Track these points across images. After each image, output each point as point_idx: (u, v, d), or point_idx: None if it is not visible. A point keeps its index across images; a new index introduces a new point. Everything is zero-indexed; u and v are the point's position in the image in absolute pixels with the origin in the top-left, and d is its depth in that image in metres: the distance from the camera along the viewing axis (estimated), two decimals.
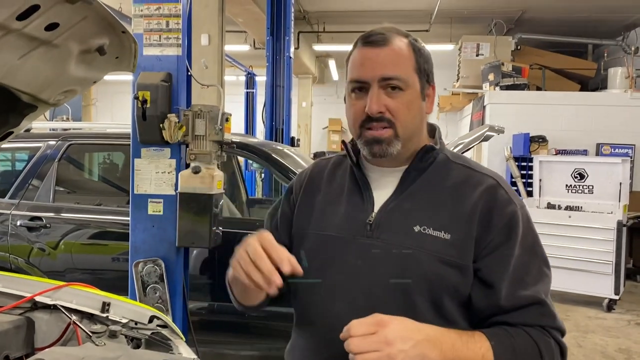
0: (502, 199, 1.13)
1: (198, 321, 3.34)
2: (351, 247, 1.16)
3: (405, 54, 1.14)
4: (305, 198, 1.28)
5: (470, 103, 9.41)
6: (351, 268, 1.14)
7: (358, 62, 1.14)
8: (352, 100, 1.16)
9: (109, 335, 1.32)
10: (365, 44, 1.14)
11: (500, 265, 1.08)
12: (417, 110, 1.16)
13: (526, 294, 1.07)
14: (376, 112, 1.10)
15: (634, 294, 6.44)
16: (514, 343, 1.03)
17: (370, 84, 1.11)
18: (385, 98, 1.11)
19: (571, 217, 5.73)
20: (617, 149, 7.52)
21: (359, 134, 1.15)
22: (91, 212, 3.71)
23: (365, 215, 1.17)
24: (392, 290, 1.10)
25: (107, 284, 3.49)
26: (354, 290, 1.13)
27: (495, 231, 1.09)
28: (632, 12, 8.64)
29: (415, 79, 1.14)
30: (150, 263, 2.74)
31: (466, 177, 1.16)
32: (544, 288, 1.09)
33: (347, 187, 1.23)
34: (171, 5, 2.70)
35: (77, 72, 1.36)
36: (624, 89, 7.87)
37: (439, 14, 9.00)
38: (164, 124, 2.64)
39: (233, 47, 10.38)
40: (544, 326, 1.07)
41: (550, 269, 1.13)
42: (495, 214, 1.10)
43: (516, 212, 1.12)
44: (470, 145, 3.83)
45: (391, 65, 1.11)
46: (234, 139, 3.27)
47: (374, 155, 1.14)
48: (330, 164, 1.31)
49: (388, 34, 1.14)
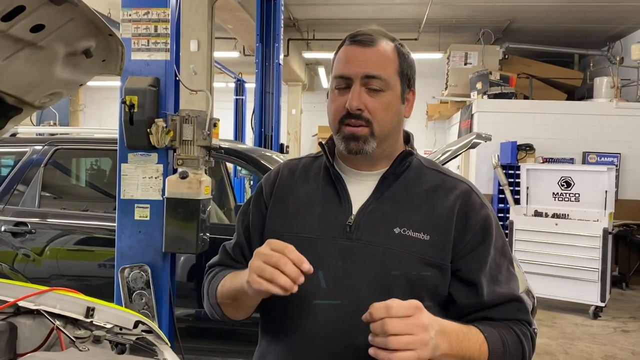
0: (476, 202, 1.18)
1: (185, 328, 3.31)
2: (331, 248, 1.16)
3: (390, 56, 1.16)
4: (277, 199, 1.26)
5: (458, 111, 9.47)
6: (332, 270, 1.14)
7: (343, 59, 1.16)
8: (334, 96, 1.18)
9: (92, 341, 1.30)
10: (353, 42, 1.17)
11: (478, 264, 1.14)
12: (395, 112, 1.18)
13: (504, 292, 1.14)
14: (355, 108, 1.12)
15: (620, 301, 6.50)
16: (502, 335, 1.09)
17: (353, 81, 1.14)
18: (365, 97, 1.13)
19: (558, 225, 5.78)
20: (603, 158, 7.61)
21: (338, 129, 1.17)
22: (77, 218, 3.67)
23: (344, 216, 1.17)
24: (374, 290, 1.10)
25: (93, 290, 3.46)
26: (335, 292, 1.13)
27: (472, 233, 1.15)
28: (617, 24, 8.77)
29: (396, 81, 1.17)
30: (137, 269, 2.71)
31: (441, 181, 1.20)
32: (516, 285, 1.17)
33: (322, 189, 1.23)
34: (160, 11, 2.70)
35: (63, 74, 1.35)
36: (609, 99, 7.97)
37: (427, 23, 9.07)
38: (152, 129, 2.63)
39: (223, 54, 10.38)
40: (520, 320, 1.14)
41: (514, 268, 1.21)
42: (471, 217, 1.16)
43: (489, 216, 1.18)
44: (457, 152, 3.85)
45: (375, 64, 1.14)
46: (222, 145, 3.26)
47: (349, 151, 1.16)
48: (301, 165, 1.31)
49: (375, 35, 1.17)
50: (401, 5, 8.48)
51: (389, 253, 1.12)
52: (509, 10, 8.54)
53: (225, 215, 4.55)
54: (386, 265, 1.12)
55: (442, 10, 8.54)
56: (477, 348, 1.05)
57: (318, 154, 1.31)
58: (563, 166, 6.84)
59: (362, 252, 1.13)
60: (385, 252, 1.12)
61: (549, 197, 6.08)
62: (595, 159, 7.62)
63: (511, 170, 7.26)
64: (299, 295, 1.15)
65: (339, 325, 1.12)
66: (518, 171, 6.68)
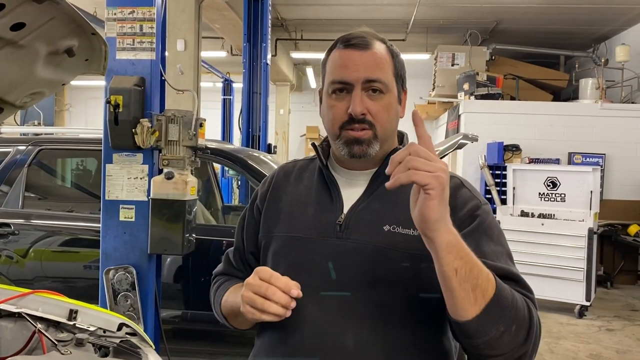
0: (466, 195, 1.16)
1: (171, 330, 3.29)
2: (321, 247, 1.16)
3: (386, 58, 1.17)
4: (271, 202, 1.28)
5: (445, 112, 9.52)
6: (322, 269, 1.14)
7: (340, 63, 1.15)
8: (332, 101, 1.17)
9: (75, 344, 1.29)
10: (347, 46, 1.16)
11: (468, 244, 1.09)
12: (394, 114, 1.19)
13: (501, 266, 1.06)
14: (360, 113, 1.12)
15: (605, 300, 6.57)
16: (510, 288, 1.00)
17: (354, 86, 1.13)
18: (367, 100, 1.13)
19: (544, 225, 5.82)
20: (588, 158, 7.69)
21: (338, 135, 1.16)
22: (62, 219, 3.63)
23: (335, 215, 1.18)
24: (364, 289, 1.11)
25: (78, 292, 3.43)
26: (324, 291, 1.13)
27: (461, 220, 1.10)
28: (602, 26, 8.87)
29: (394, 83, 1.18)
30: (122, 270, 2.69)
31: None
32: (516, 270, 1.09)
33: (316, 189, 1.24)
34: (145, 9, 2.67)
35: (44, 73, 1.33)
36: (594, 100, 8.06)
37: (415, 24, 9.11)
38: (137, 129, 2.60)
39: (210, 54, 10.33)
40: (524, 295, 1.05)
41: (514, 262, 1.13)
42: (459, 207, 1.12)
43: (479, 205, 1.15)
44: (445, 152, 3.86)
45: (374, 68, 1.14)
46: (209, 145, 3.24)
47: (353, 155, 1.16)
48: (297, 168, 1.33)
49: (368, 37, 1.17)
50: (389, 6, 8.51)
51: (377, 251, 1.12)
52: (495, 12, 8.60)
53: (212, 216, 4.53)
54: (375, 263, 1.11)
55: (429, 11, 8.57)
56: (484, 272, 0.96)
57: (314, 156, 1.31)
58: (549, 167, 6.90)
59: (351, 251, 1.13)
60: (374, 250, 1.12)
61: (535, 198, 6.13)
62: (581, 159, 7.70)
63: (498, 171, 7.31)
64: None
65: (328, 325, 1.12)
66: (505, 171, 6.72)
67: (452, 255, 0.93)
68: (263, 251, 1.26)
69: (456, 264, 0.93)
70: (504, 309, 0.96)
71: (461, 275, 0.93)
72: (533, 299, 1.06)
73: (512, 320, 0.97)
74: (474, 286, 0.94)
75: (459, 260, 0.93)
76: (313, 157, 1.32)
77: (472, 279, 0.93)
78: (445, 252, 0.93)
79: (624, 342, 4.98)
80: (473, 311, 0.94)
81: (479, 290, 0.94)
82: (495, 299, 0.95)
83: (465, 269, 0.93)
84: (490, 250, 1.09)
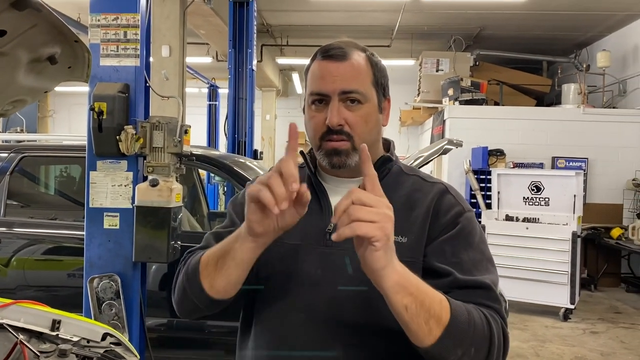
0: (450, 201, 1.18)
1: (156, 338, 3.26)
2: (310, 256, 1.16)
3: (364, 68, 1.17)
4: None
5: (430, 117, 9.58)
6: (311, 277, 1.14)
7: (318, 75, 1.16)
8: (312, 112, 1.17)
9: (58, 355, 1.27)
10: (325, 57, 1.16)
11: (444, 253, 1.11)
12: (374, 123, 1.19)
13: (474, 278, 1.08)
14: (336, 124, 1.12)
15: (589, 303, 6.63)
16: (466, 306, 1.01)
17: (331, 97, 1.13)
18: (344, 111, 1.13)
19: (528, 229, 5.88)
20: (572, 162, 7.78)
21: (319, 145, 1.17)
22: (45, 227, 3.59)
23: (324, 223, 1.17)
24: (353, 297, 1.10)
25: (61, 301, 3.39)
26: (314, 299, 1.13)
27: (443, 226, 1.13)
28: (583, 32, 9.00)
29: (373, 92, 1.18)
30: (106, 279, 2.66)
31: (419, 186, 1.21)
32: (491, 278, 1.10)
33: None
34: (129, 16, 2.66)
35: (26, 81, 1.32)
36: (577, 105, 8.17)
37: (400, 30, 9.17)
38: (121, 136, 2.58)
39: (195, 59, 10.31)
40: (488, 306, 1.06)
41: (495, 269, 1.15)
42: (442, 212, 1.15)
43: (462, 212, 1.16)
44: (430, 158, 3.89)
45: (351, 79, 1.14)
46: (194, 152, 3.22)
47: (333, 166, 1.16)
48: None
49: (347, 48, 1.17)
50: (374, 13, 8.55)
51: None
52: (479, 18, 8.68)
53: (197, 223, 4.50)
54: (362, 271, 1.11)
55: (413, 17, 8.64)
56: (437, 300, 0.97)
57: (302, 163, 1.30)
58: (533, 171, 6.96)
59: (339, 259, 1.13)
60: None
61: (520, 202, 6.18)
62: (564, 163, 7.79)
63: (482, 175, 7.36)
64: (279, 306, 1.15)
65: (316, 333, 1.11)
66: (489, 176, 6.77)
67: (400, 294, 0.94)
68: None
69: (405, 301, 0.94)
70: (460, 334, 0.97)
71: (412, 310, 0.94)
72: (499, 309, 1.07)
73: (471, 342, 0.98)
74: (426, 318, 0.95)
75: (408, 296, 0.94)
76: (301, 165, 1.32)
77: (423, 312, 0.95)
78: (393, 293, 0.94)
79: (608, 344, 5.03)
80: (429, 340, 0.96)
81: (433, 320, 0.96)
82: (450, 326, 0.96)
83: (415, 304, 0.94)
84: (468, 258, 1.11)
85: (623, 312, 6.29)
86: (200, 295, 1.12)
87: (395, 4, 7.90)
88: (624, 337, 5.27)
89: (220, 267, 1.09)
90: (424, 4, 7.78)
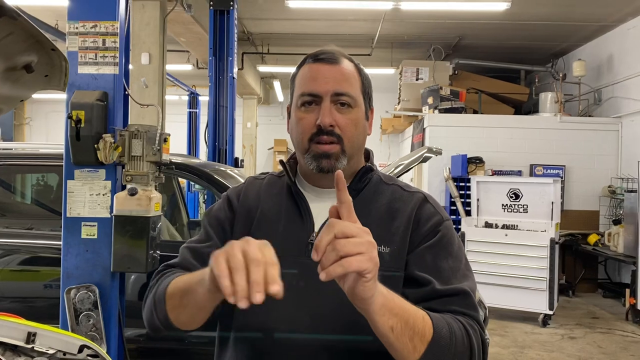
0: (429, 211, 1.19)
1: (135, 349, 3.22)
2: (292, 267, 1.13)
3: (354, 74, 1.19)
4: (241, 215, 1.24)
5: (411, 125, 9.65)
6: (293, 290, 1.13)
7: (310, 76, 1.16)
8: (300, 114, 1.17)
9: None
10: (317, 60, 1.17)
11: (425, 263, 1.12)
12: (362, 129, 1.20)
13: (453, 286, 1.09)
14: (328, 124, 1.13)
15: (567, 308, 6.72)
16: (446, 319, 1.03)
17: (323, 98, 1.14)
18: (335, 113, 1.14)
19: (508, 236, 5.94)
20: (549, 170, 7.90)
21: (307, 148, 1.16)
22: (20, 237, 3.52)
23: (306, 234, 1.17)
24: (337, 309, 1.09)
25: (37, 312, 3.32)
26: (297, 312, 1.12)
27: (423, 236, 1.15)
28: (559, 41, 9.17)
29: (361, 99, 1.20)
30: (84, 289, 2.62)
31: (399, 195, 1.22)
32: (469, 285, 1.12)
33: (285, 207, 1.22)
34: (108, 24, 2.64)
35: (1, 90, 1.30)
36: (554, 113, 8.30)
37: (380, 39, 9.24)
38: (99, 144, 2.56)
39: (175, 67, 10.26)
40: (466, 314, 1.08)
41: (473, 275, 1.17)
42: (422, 222, 1.16)
43: (441, 221, 1.18)
44: (410, 166, 3.91)
45: (343, 81, 1.15)
46: (174, 160, 3.20)
47: (321, 169, 1.15)
48: (265, 184, 1.30)
49: (337, 54, 1.19)
50: (354, 22, 8.61)
51: None
52: (457, 28, 8.80)
53: (177, 232, 4.46)
54: None
55: (393, 27, 8.71)
56: (419, 317, 0.98)
57: (281, 173, 1.30)
58: (511, 178, 7.05)
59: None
60: None
61: (499, 209, 6.25)
62: (542, 171, 7.90)
63: (462, 183, 7.43)
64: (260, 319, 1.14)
65: (299, 347, 1.11)
66: (469, 183, 6.84)
67: (385, 316, 0.94)
68: None
69: (391, 322, 0.94)
70: (443, 348, 0.98)
71: (397, 331, 0.95)
72: (476, 316, 1.09)
73: (453, 355, 1.00)
74: (411, 336, 0.96)
75: (394, 317, 0.94)
76: (281, 174, 1.30)
77: (408, 330, 0.95)
78: (379, 316, 0.93)
79: (586, 349, 5.10)
80: (413, 357, 0.97)
81: (417, 337, 0.96)
82: (433, 342, 0.97)
83: (400, 323, 0.95)
84: (447, 266, 1.12)
85: (600, 317, 6.38)
86: (166, 323, 1.11)
87: (375, 14, 7.96)
88: (601, 342, 5.35)
89: (185, 305, 1.05)
90: (403, 13, 7.86)
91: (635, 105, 7.42)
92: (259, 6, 7.92)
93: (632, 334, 5.64)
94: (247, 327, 1.16)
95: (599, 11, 7.57)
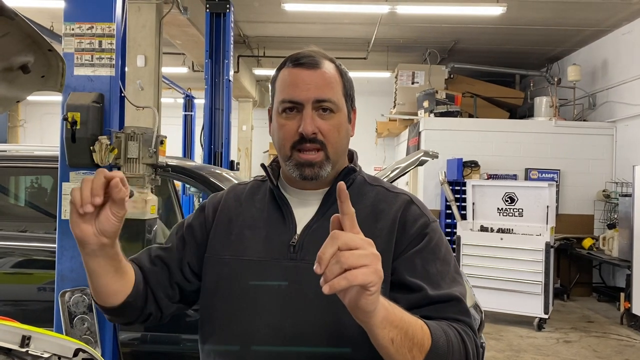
0: (415, 212, 1.17)
1: (130, 352, 3.19)
2: (274, 270, 1.13)
3: (335, 78, 1.16)
4: (220, 222, 1.23)
5: (406, 129, 9.67)
6: (276, 292, 1.12)
7: (290, 82, 1.14)
8: (282, 120, 1.15)
9: None
10: (296, 65, 1.15)
11: (414, 268, 1.10)
12: (345, 133, 1.19)
13: (442, 293, 1.08)
14: (311, 133, 1.11)
15: (562, 312, 6.73)
16: (442, 327, 1.02)
17: (304, 105, 1.12)
18: (317, 120, 1.12)
19: (503, 240, 5.95)
20: (544, 174, 7.92)
21: (289, 155, 1.15)
22: (14, 239, 3.49)
23: (288, 237, 1.16)
24: (320, 311, 1.08)
25: (31, 316, 3.30)
26: (279, 314, 1.11)
27: (410, 239, 1.13)
28: (554, 46, 9.21)
29: (343, 102, 1.18)
30: (78, 292, 2.60)
31: (384, 196, 1.20)
32: (458, 290, 1.11)
33: (268, 211, 1.21)
34: (104, 25, 2.63)
35: None
36: (548, 117, 8.34)
37: (376, 43, 9.26)
38: (95, 147, 2.54)
39: (171, 69, 10.24)
40: (459, 320, 1.07)
41: (462, 278, 1.16)
42: (409, 225, 1.14)
43: (428, 224, 1.16)
44: (406, 169, 3.91)
45: (325, 87, 1.13)
46: (170, 162, 3.19)
47: (305, 178, 1.14)
48: (248, 189, 1.29)
49: (317, 56, 1.16)
50: (350, 25, 8.63)
51: None
52: (453, 32, 8.82)
53: None
54: None
55: (389, 30, 8.73)
56: (418, 327, 0.96)
57: (264, 177, 1.29)
58: (507, 182, 7.07)
59: (305, 272, 1.10)
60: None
61: (494, 213, 6.26)
62: (537, 175, 7.92)
63: (457, 187, 7.45)
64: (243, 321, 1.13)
65: (282, 350, 1.09)
66: (464, 187, 6.85)
67: (386, 329, 0.91)
68: (208, 273, 1.20)
69: (392, 335, 0.92)
70: (441, 357, 0.98)
71: (397, 342, 0.93)
72: (469, 322, 1.08)
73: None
74: (410, 347, 0.94)
75: (394, 329, 0.92)
76: (264, 178, 1.29)
77: (407, 341, 0.94)
78: (380, 329, 0.91)
79: (581, 353, 5.11)
80: None
81: (416, 348, 0.95)
82: (431, 351, 0.96)
83: (400, 335, 0.93)
84: (436, 270, 1.11)
85: (595, 321, 6.39)
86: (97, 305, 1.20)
87: (371, 17, 7.98)
88: (596, 345, 5.36)
89: (90, 281, 1.14)
90: (399, 17, 7.87)
91: (630, 110, 7.46)
92: (255, 9, 7.92)
93: (627, 338, 5.65)
94: (230, 331, 1.15)
95: (594, 16, 7.62)
